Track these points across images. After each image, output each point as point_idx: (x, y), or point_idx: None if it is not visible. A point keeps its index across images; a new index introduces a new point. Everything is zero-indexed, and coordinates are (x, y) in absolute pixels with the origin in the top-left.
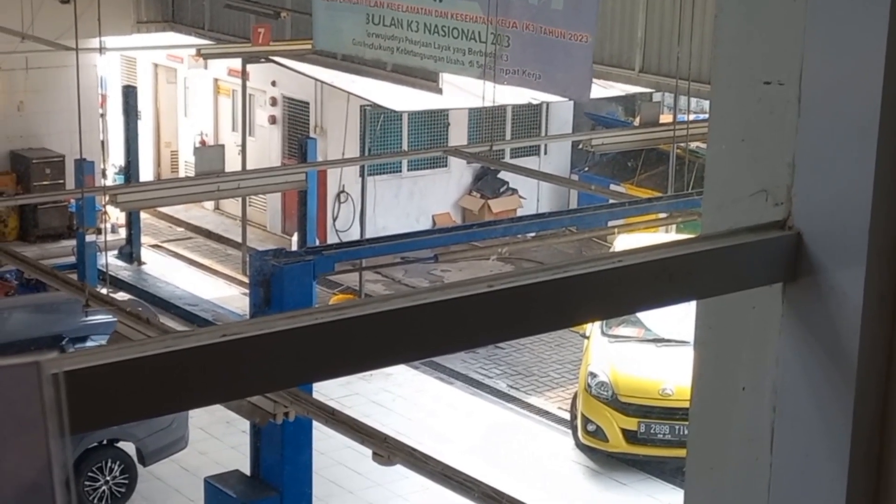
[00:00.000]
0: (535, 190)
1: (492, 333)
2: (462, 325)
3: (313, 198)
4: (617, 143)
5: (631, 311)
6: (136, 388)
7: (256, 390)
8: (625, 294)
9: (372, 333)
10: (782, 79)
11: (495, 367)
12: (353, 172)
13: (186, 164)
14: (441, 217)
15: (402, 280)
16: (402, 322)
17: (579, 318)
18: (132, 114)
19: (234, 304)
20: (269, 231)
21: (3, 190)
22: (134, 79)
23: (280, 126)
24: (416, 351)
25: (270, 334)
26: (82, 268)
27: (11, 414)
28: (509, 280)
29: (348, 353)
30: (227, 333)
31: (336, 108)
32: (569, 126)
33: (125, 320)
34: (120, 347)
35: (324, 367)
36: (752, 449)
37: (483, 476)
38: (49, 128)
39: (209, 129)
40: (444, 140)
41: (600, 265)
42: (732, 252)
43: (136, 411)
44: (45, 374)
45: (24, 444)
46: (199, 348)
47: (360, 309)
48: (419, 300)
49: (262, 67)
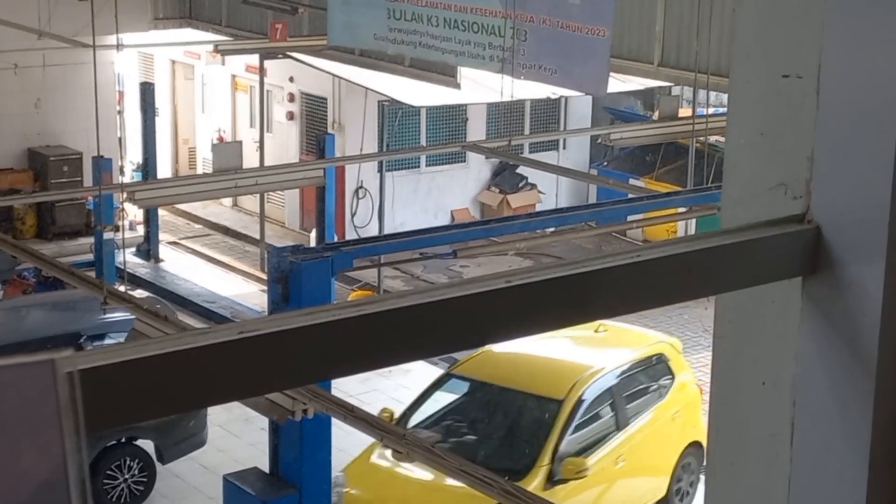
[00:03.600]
0: (554, 185)
1: (510, 329)
2: (480, 321)
3: (331, 194)
4: (636, 137)
5: (650, 307)
6: (152, 386)
7: (274, 387)
8: (644, 289)
9: (390, 329)
10: (801, 72)
11: None
12: (371, 168)
13: (204, 160)
14: (460, 212)
15: (420, 276)
16: (421, 318)
17: (598, 313)
18: (149, 111)
19: (253, 300)
20: (288, 227)
21: (20, 187)
22: (151, 75)
23: (298, 122)
24: (435, 347)
25: (288, 331)
26: (100, 265)
27: (27, 412)
28: (527, 276)
29: (366, 350)
30: (245, 330)
31: (354, 103)
32: (587, 120)
33: (143, 318)
34: (136, 345)
35: (342, 364)
36: (772, 444)
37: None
38: (66, 125)
39: (227, 125)
40: (462, 135)
41: (618, 260)
42: (751, 246)
43: (153, 409)
44: (60, 373)
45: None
46: (217, 345)
47: (378, 305)
48: (437, 296)
49: (279, 63)
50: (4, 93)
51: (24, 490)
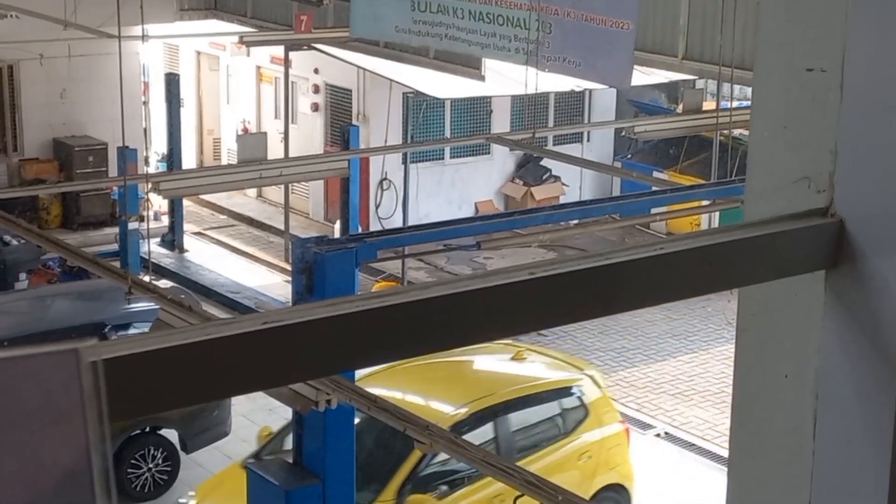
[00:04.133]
0: (578, 177)
1: (533, 321)
2: (503, 313)
3: (356, 185)
4: (660, 130)
5: (673, 299)
6: (175, 376)
7: (297, 378)
8: (666, 282)
9: (413, 320)
10: (825, 66)
11: None
12: (395, 160)
13: (229, 151)
14: (484, 204)
15: (444, 267)
16: (444, 309)
17: (621, 305)
18: (175, 101)
19: (277, 291)
20: (312, 218)
21: (45, 177)
22: (176, 66)
23: (322, 113)
24: (458, 338)
25: (311, 322)
26: (125, 255)
27: (50, 402)
28: (550, 267)
29: (390, 341)
30: (268, 321)
31: (378, 95)
32: (611, 113)
33: (168, 308)
34: (160, 335)
35: (365, 355)
36: (795, 437)
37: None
38: (91, 115)
39: (252, 116)
40: (486, 127)
41: (641, 252)
42: (774, 239)
43: (176, 399)
44: (83, 362)
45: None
46: (240, 336)
47: (401, 296)
48: (460, 287)
49: (304, 55)
50: (30, 83)
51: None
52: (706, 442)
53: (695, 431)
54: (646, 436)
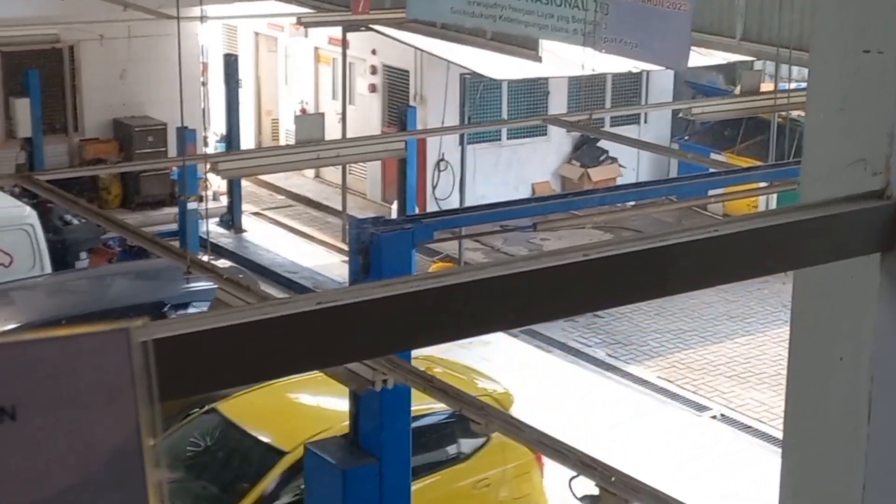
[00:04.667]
0: (635, 159)
1: (587, 302)
2: (557, 294)
3: (413, 166)
4: (717, 111)
5: (727, 281)
6: (227, 356)
7: (350, 358)
8: (720, 264)
9: (467, 301)
10: (881, 48)
11: (594, 335)
12: (452, 141)
13: (287, 132)
14: (540, 185)
15: (501, 248)
16: (498, 290)
17: (675, 287)
18: (233, 82)
19: (335, 271)
20: (370, 199)
21: (106, 157)
22: (235, 47)
23: (380, 94)
24: (512, 319)
25: (365, 302)
26: (184, 235)
27: (102, 381)
28: (604, 249)
29: (443, 321)
30: (323, 301)
31: (436, 76)
32: (669, 94)
33: (226, 287)
34: (211, 315)
35: (418, 335)
36: (850, 419)
37: (579, 444)
38: (151, 96)
39: (309, 97)
40: (543, 108)
41: (695, 234)
42: (830, 222)
43: (229, 379)
44: (134, 342)
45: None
46: (295, 316)
47: (455, 277)
48: (514, 269)
49: (362, 36)
50: (90, 64)
51: (97, 458)
52: (762, 424)
53: (751, 413)
54: (701, 417)
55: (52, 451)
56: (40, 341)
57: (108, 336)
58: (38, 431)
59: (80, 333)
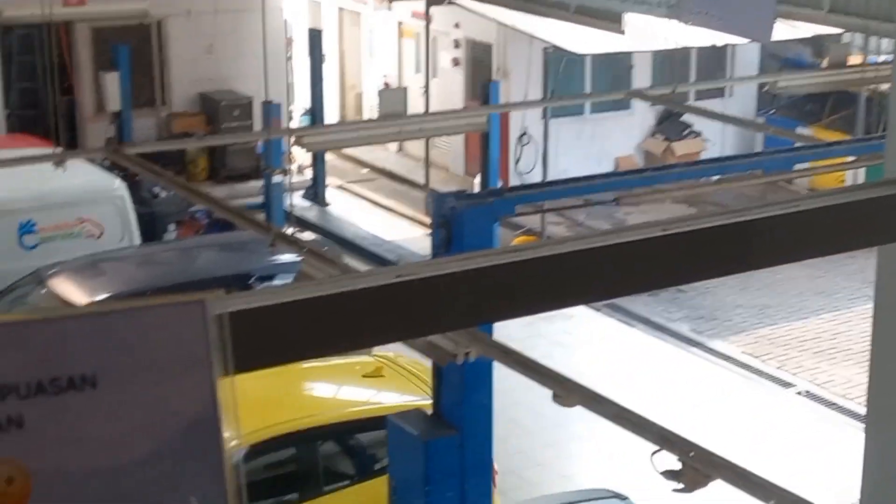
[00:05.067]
0: (720, 133)
1: (669, 276)
2: (638, 268)
3: (495, 140)
4: (803, 84)
5: (810, 256)
6: (302, 328)
7: (429, 331)
8: (804, 239)
9: (545, 275)
10: None
11: (677, 310)
12: (535, 115)
13: (371, 106)
14: (624, 160)
15: (583, 222)
16: (579, 264)
17: (758, 262)
18: (317, 57)
19: (418, 245)
20: (453, 172)
21: (193, 131)
22: (319, 22)
23: (463, 68)
24: (592, 293)
25: (444, 276)
26: (269, 208)
27: (178, 351)
28: (683, 224)
29: (523, 295)
30: (402, 274)
31: (519, 50)
32: (755, 68)
33: (311, 260)
34: (290, 289)
35: (498, 309)
36: None
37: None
38: (237, 70)
39: (393, 71)
40: (626, 82)
41: (777, 209)
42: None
43: (304, 350)
44: (210, 314)
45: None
46: (373, 289)
47: (534, 251)
48: (594, 243)
49: (445, 10)
50: (178, 38)
51: (174, 426)
52: (848, 401)
53: (836, 390)
54: (786, 394)
55: (130, 419)
56: (119, 313)
57: (184, 308)
58: (117, 400)
59: (158, 305)
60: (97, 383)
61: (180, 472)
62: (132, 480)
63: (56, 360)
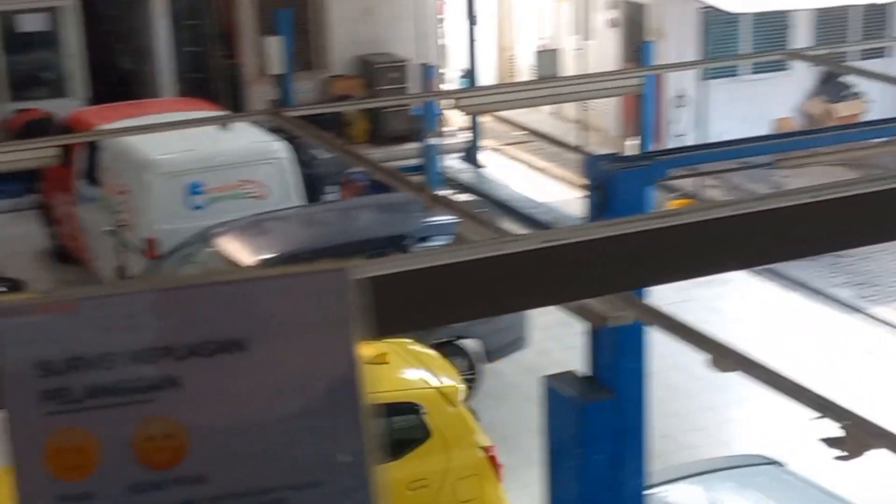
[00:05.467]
0: (882, 94)
1: (825, 243)
2: (794, 234)
3: (650, 102)
4: None
5: None
6: (445, 294)
7: (575, 296)
8: None
9: (695, 240)
10: None
11: (837, 275)
12: (691, 77)
13: (526, 68)
14: (783, 122)
15: (741, 186)
16: (734, 229)
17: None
18: (473, 19)
19: (573, 207)
20: (608, 134)
21: (351, 94)
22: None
23: (619, 29)
24: (748, 258)
25: (589, 241)
26: (426, 170)
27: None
28: (836, 190)
29: (674, 260)
30: (549, 239)
31: (674, 10)
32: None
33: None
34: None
35: (649, 274)
36: None
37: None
38: (393, 33)
39: (549, 33)
40: (785, 42)
41: None
42: None
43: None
44: (350, 280)
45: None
46: (518, 255)
47: (681, 217)
48: (749, 208)
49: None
50: (336, 2)
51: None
52: None
53: None
54: None
55: (276, 380)
56: (265, 280)
57: (326, 275)
58: (263, 362)
59: (302, 272)
60: (245, 347)
61: (323, 429)
62: (279, 436)
63: (207, 324)
